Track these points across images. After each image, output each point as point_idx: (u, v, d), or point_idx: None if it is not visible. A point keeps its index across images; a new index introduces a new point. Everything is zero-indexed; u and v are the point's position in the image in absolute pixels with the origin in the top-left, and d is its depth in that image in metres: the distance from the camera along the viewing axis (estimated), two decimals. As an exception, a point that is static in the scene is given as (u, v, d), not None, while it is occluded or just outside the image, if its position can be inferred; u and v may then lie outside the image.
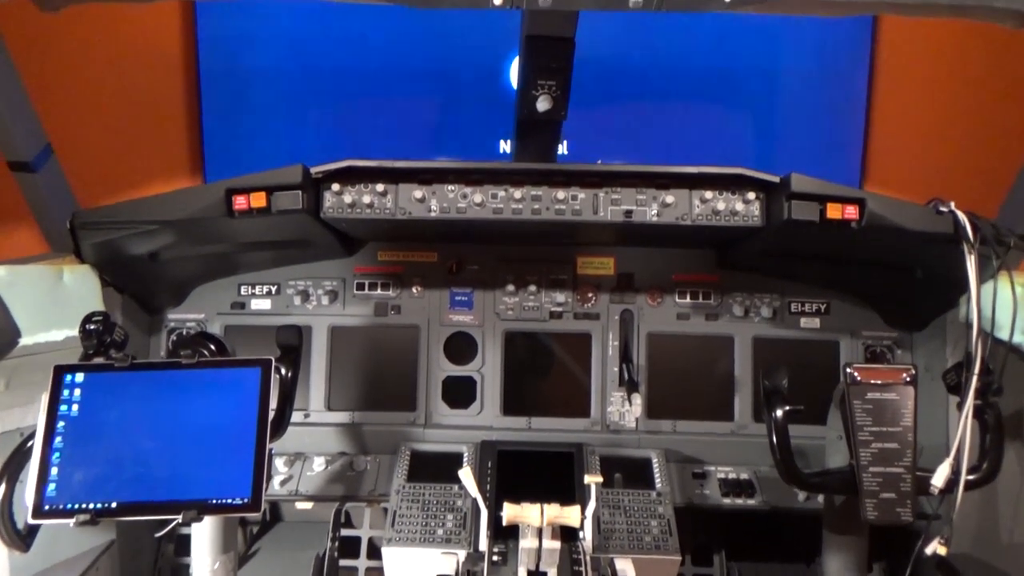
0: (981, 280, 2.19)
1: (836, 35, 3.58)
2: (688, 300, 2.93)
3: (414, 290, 2.94)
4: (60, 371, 1.91)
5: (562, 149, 3.61)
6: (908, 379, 2.13)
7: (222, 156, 3.62)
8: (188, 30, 3.51)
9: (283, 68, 3.63)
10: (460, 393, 2.92)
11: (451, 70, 3.67)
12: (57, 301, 2.29)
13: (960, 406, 2.13)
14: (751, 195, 2.42)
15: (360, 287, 2.93)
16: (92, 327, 2.03)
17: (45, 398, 1.88)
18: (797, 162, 3.63)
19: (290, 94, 3.64)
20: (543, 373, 2.98)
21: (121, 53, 3.41)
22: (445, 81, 3.70)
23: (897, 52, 3.51)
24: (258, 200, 2.26)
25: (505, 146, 3.75)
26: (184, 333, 2.88)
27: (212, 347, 2.13)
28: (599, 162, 3.37)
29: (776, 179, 2.37)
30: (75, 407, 1.88)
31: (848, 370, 2.14)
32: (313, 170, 2.36)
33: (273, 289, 2.94)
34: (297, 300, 2.91)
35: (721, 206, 2.43)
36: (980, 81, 3.45)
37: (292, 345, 2.22)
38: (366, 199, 2.41)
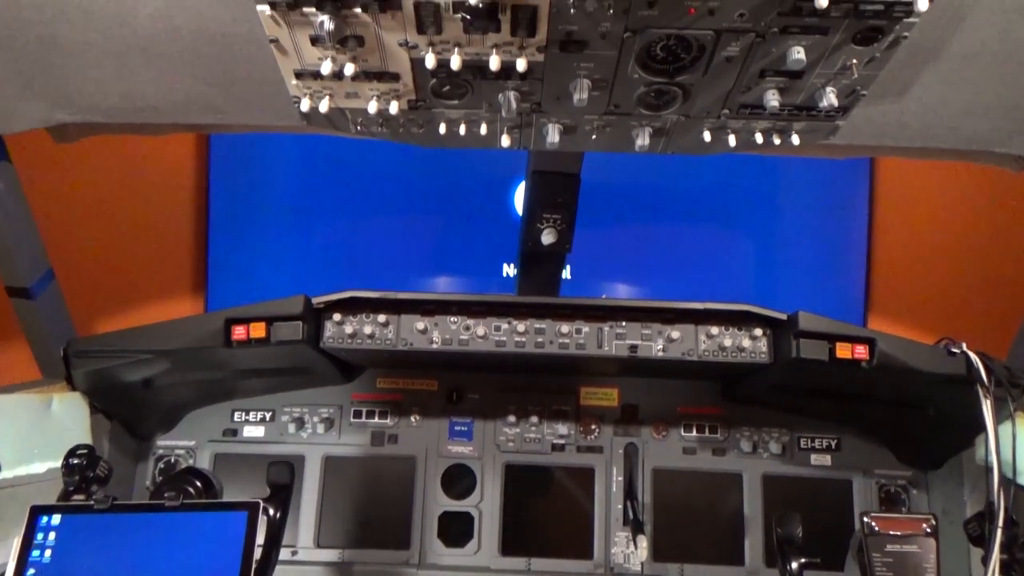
0: (997, 423, 2.14)
1: (836, 165, 3.66)
2: (694, 433, 2.84)
3: (412, 419, 2.87)
4: (36, 512, 1.82)
5: (564, 272, 3.62)
6: (929, 530, 2.04)
7: (226, 274, 3.64)
8: (201, 151, 3.60)
9: (291, 185, 3.69)
10: (457, 529, 2.79)
11: (456, 192, 3.73)
12: (43, 431, 2.22)
13: (985, 561, 2.02)
14: (758, 331, 2.40)
15: (357, 415, 2.86)
16: (75, 462, 1.96)
17: (17, 542, 1.78)
18: (799, 287, 3.64)
19: (296, 210, 3.68)
20: (544, 509, 2.86)
21: (132, 172, 3.47)
22: (450, 203, 3.75)
23: (896, 184, 3.57)
24: (257, 330, 2.23)
25: (509, 269, 3.76)
26: (172, 461, 2.78)
27: (199, 484, 2.04)
28: (604, 296, 3.37)
29: (783, 316, 2.34)
30: (48, 553, 1.78)
31: (866, 519, 2.05)
32: (315, 300, 2.34)
33: (267, 416, 2.86)
34: (292, 428, 2.83)
35: (728, 342, 2.39)
36: (981, 211, 3.49)
37: (283, 484, 2.14)
38: (367, 329, 2.38)
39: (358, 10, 1.49)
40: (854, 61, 1.62)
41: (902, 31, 1.54)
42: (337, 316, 2.37)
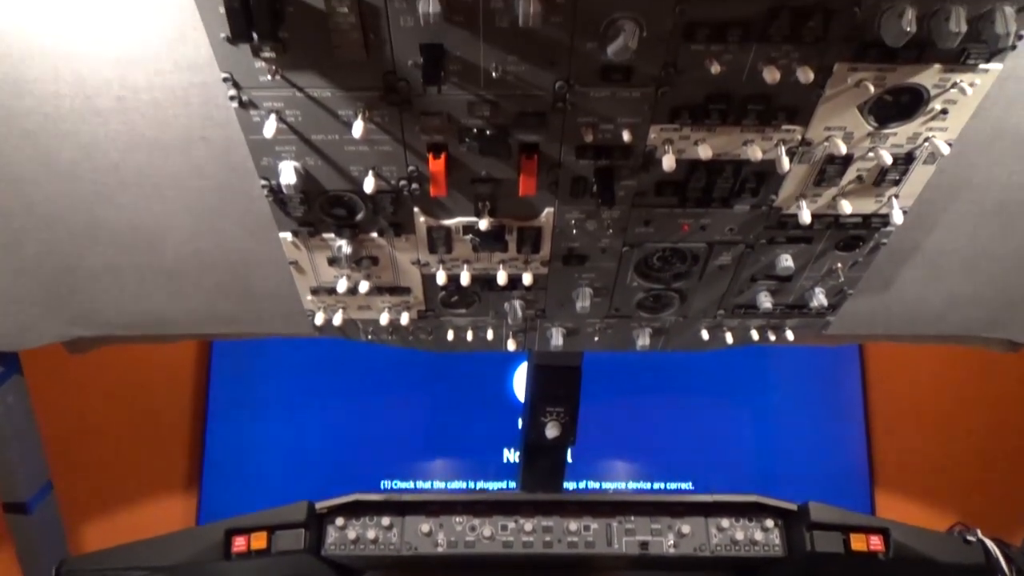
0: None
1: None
2: None
3: (416, 625, 2.72)
4: None
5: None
6: None
7: (221, 467, 3.56)
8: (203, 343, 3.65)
9: (290, 369, 3.70)
10: None
11: (454, 375, 3.75)
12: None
13: None
14: (769, 522, 2.36)
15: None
16: None
17: None
18: (801, 458, 3.58)
19: (295, 395, 3.67)
20: None
21: (132, 368, 3.49)
22: (448, 386, 3.76)
23: (886, 361, 3.63)
24: (259, 540, 2.17)
25: (510, 455, 3.71)
26: None
27: None
28: (610, 491, 3.32)
29: (794, 507, 2.31)
30: None
31: None
32: (318, 505, 2.30)
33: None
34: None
35: (740, 535, 2.34)
36: (974, 385, 3.52)
37: None
38: (371, 534, 2.32)
39: (374, 235, 1.59)
40: (839, 265, 1.73)
41: (881, 238, 1.66)
42: (340, 520, 2.32)
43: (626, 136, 1.36)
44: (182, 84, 1.33)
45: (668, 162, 1.37)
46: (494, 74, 1.24)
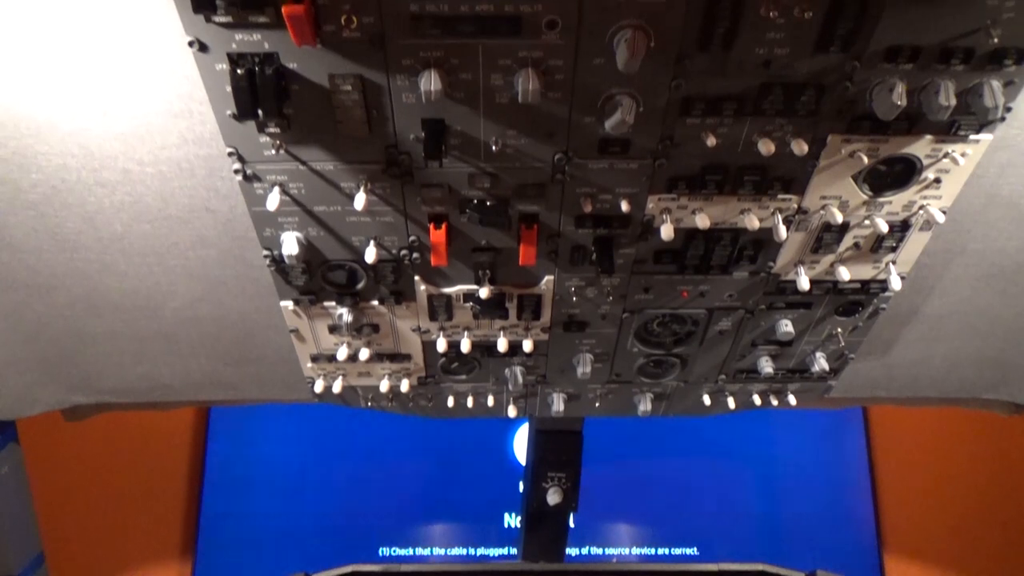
0: None
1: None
2: None
3: None
4: None
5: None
6: None
7: (217, 537, 3.49)
8: (201, 411, 3.61)
9: (289, 436, 3.66)
10: None
11: (453, 438, 3.71)
12: None
13: None
14: (777, 591, 2.30)
15: None
16: None
17: None
18: (809, 520, 3.52)
19: (292, 460, 3.63)
20: None
21: (130, 436, 3.45)
22: (448, 449, 3.71)
23: (890, 422, 3.60)
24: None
25: (511, 519, 3.65)
26: None
27: None
28: (614, 559, 3.26)
29: (802, 575, 2.26)
30: None
31: None
32: (314, 576, 2.24)
33: None
34: None
35: (748, 605, 2.28)
36: (981, 446, 3.48)
37: None
38: (368, 605, 2.26)
39: (375, 302, 1.60)
40: (839, 330, 1.73)
41: (880, 303, 1.66)
42: (337, 592, 2.26)
43: (624, 206, 1.37)
44: (187, 157, 1.36)
45: (666, 231, 1.38)
46: (494, 147, 1.27)
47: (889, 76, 1.19)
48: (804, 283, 1.52)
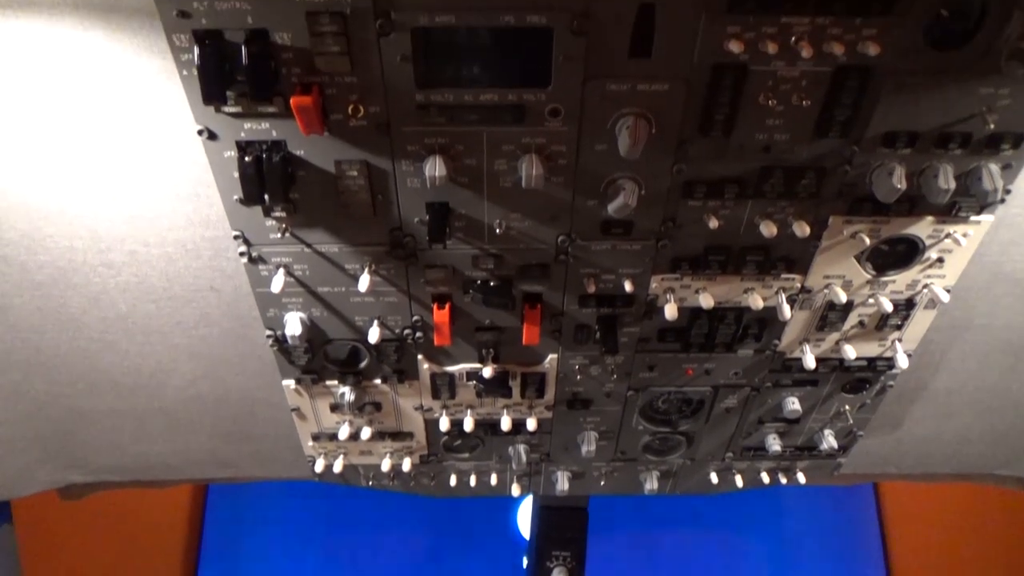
0: None
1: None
2: None
3: None
4: None
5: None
6: None
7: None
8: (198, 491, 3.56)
9: (287, 505, 3.60)
10: None
11: (456, 509, 3.64)
12: None
13: None
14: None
15: None
16: None
17: None
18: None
19: (291, 535, 3.55)
20: None
21: (125, 511, 3.38)
22: (450, 520, 3.64)
23: (903, 497, 3.53)
24: None
25: (515, 597, 3.55)
26: None
27: None
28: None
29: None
30: None
31: None
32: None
33: None
34: None
35: None
36: (995, 522, 3.40)
37: None
38: None
39: (377, 381, 1.59)
40: (847, 407, 1.71)
41: (887, 381, 1.65)
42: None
43: (628, 286, 1.38)
44: (193, 239, 1.37)
45: (670, 311, 1.38)
46: (498, 229, 1.28)
47: (888, 160, 1.20)
48: (810, 361, 1.51)
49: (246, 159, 1.14)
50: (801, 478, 1.89)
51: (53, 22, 1.08)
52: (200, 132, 1.13)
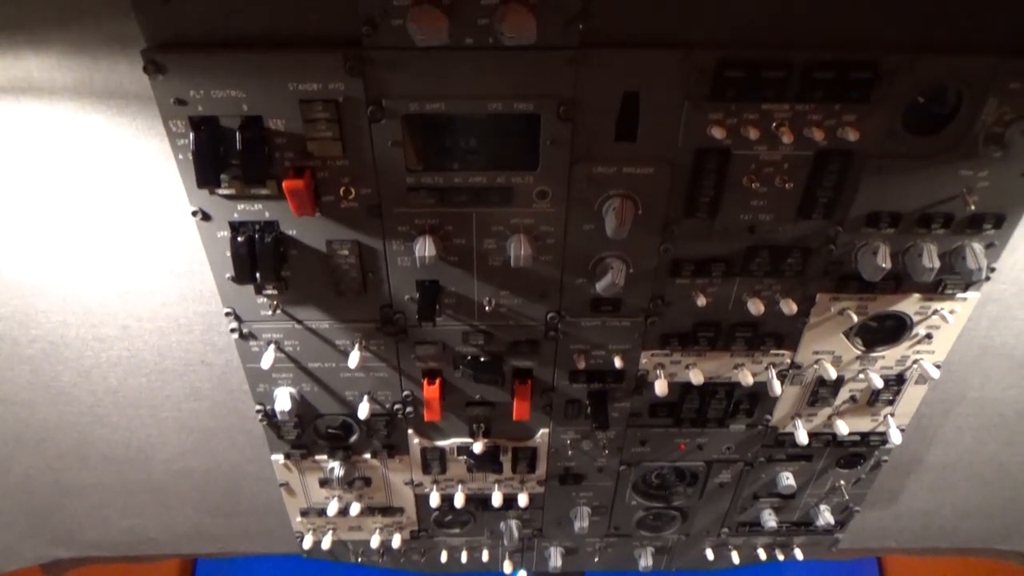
0: None
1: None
2: None
3: None
4: None
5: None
6: None
7: None
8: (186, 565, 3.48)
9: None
10: None
11: None
12: None
13: None
14: None
15: None
16: None
17: None
18: None
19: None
20: None
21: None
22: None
23: (905, 570, 3.45)
24: None
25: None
26: None
27: None
28: None
29: None
30: None
31: None
32: None
33: None
34: None
35: None
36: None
37: None
38: None
39: (367, 456, 1.57)
40: (842, 482, 1.69)
41: (882, 455, 1.63)
42: None
43: (618, 362, 1.38)
44: (186, 314, 1.38)
45: (660, 387, 1.38)
46: (487, 307, 1.29)
47: (872, 239, 1.22)
48: (803, 437, 1.50)
49: (238, 239, 1.15)
50: (798, 554, 1.85)
51: (53, 104, 1.11)
52: (194, 213, 1.15)
